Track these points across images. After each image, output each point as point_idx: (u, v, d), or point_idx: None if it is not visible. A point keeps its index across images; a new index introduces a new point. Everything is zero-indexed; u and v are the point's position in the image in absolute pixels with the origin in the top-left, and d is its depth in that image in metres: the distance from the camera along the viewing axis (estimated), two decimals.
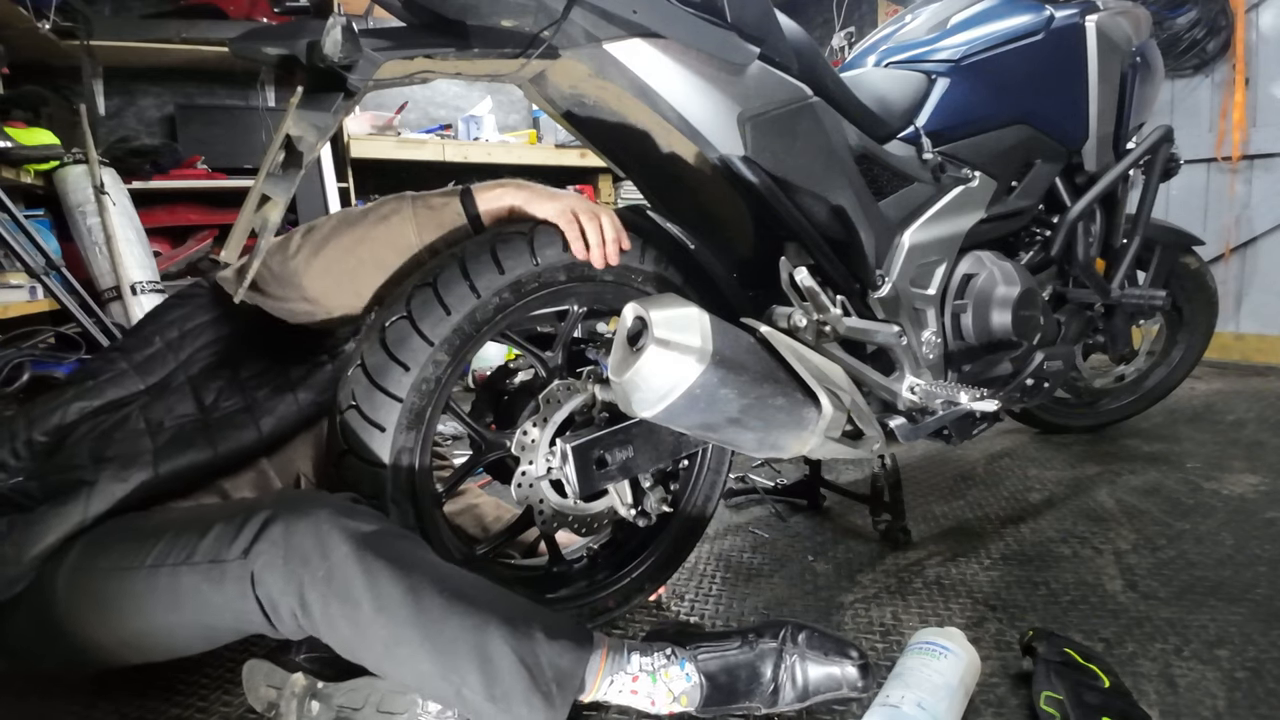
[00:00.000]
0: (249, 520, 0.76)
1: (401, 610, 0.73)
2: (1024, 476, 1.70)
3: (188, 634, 0.82)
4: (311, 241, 0.94)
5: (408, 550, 0.78)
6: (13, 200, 2.07)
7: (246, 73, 3.15)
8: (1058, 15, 1.33)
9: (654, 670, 0.82)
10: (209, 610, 0.77)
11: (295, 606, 0.73)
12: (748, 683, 0.85)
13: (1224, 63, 2.79)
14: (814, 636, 0.88)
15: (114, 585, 0.78)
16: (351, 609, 0.73)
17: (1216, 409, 2.20)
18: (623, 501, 1.01)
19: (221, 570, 0.75)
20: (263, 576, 0.73)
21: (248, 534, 0.75)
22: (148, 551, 0.78)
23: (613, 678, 0.81)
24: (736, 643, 0.87)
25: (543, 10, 0.79)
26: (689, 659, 0.85)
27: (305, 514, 0.76)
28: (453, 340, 0.87)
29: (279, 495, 0.84)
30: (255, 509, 0.77)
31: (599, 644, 0.82)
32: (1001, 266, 1.25)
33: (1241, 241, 2.84)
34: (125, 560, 0.79)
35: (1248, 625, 1.05)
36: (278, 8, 2.97)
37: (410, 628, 0.73)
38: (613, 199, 3.88)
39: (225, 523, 0.77)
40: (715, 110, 0.92)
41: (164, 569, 0.77)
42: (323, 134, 0.71)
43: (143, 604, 0.78)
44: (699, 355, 0.80)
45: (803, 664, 0.86)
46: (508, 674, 0.74)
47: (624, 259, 1.00)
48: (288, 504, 0.77)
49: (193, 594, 0.76)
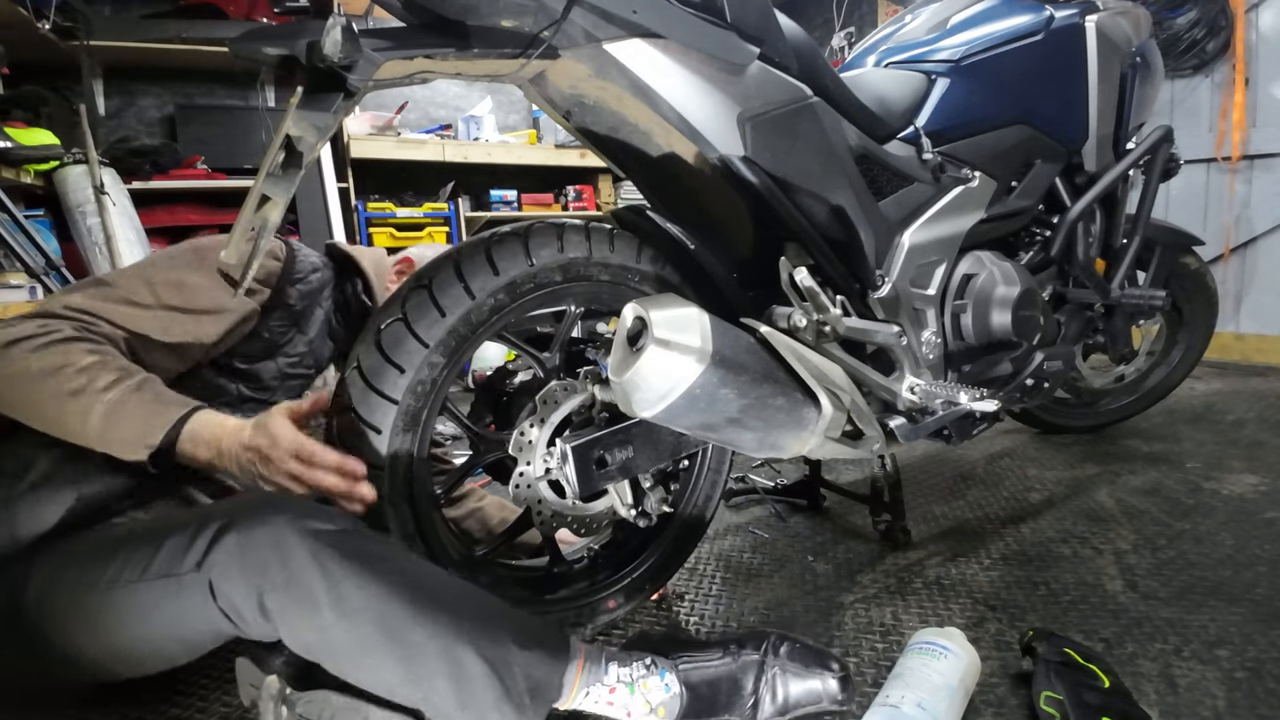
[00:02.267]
0: (202, 530, 0.74)
1: (365, 615, 0.71)
2: (1024, 476, 1.70)
3: (165, 645, 0.80)
4: None
5: (376, 552, 0.76)
6: (13, 200, 2.07)
7: (246, 73, 3.15)
8: (1058, 15, 1.33)
9: (632, 681, 0.81)
10: (177, 622, 0.76)
11: (256, 614, 0.72)
12: (728, 695, 0.84)
13: (1224, 63, 2.79)
14: (796, 649, 0.87)
15: (79, 604, 0.77)
16: (312, 614, 0.71)
17: (1216, 409, 2.20)
18: (623, 502, 1.01)
19: (178, 583, 0.73)
20: (220, 586, 0.72)
21: (200, 545, 0.73)
22: (104, 569, 0.77)
23: (589, 689, 0.79)
24: (719, 653, 0.87)
25: (543, 10, 0.78)
26: (670, 669, 0.84)
27: (262, 521, 0.73)
28: (448, 342, 0.87)
29: (236, 502, 0.81)
30: (209, 518, 0.75)
31: (575, 653, 0.80)
32: (1001, 266, 1.25)
33: (1241, 241, 2.84)
34: (86, 578, 0.77)
35: (1248, 625, 1.04)
36: (278, 8, 2.97)
37: (375, 632, 0.71)
38: (613, 199, 3.88)
39: (179, 534, 0.75)
40: (715, 110, 0.92)
41: (120, 586, 0.75)
42: (323, 134, 0.71)
43: (110, 621, 0.77)
44: (699, 355, 0.80)
45: (784, 677, 0.85)
46: (478, 682, 0.73)
47: (622, 259, 1.00)
48: (244, 511, 0.75)
49: (155, 609, 0.75)
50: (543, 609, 1.03)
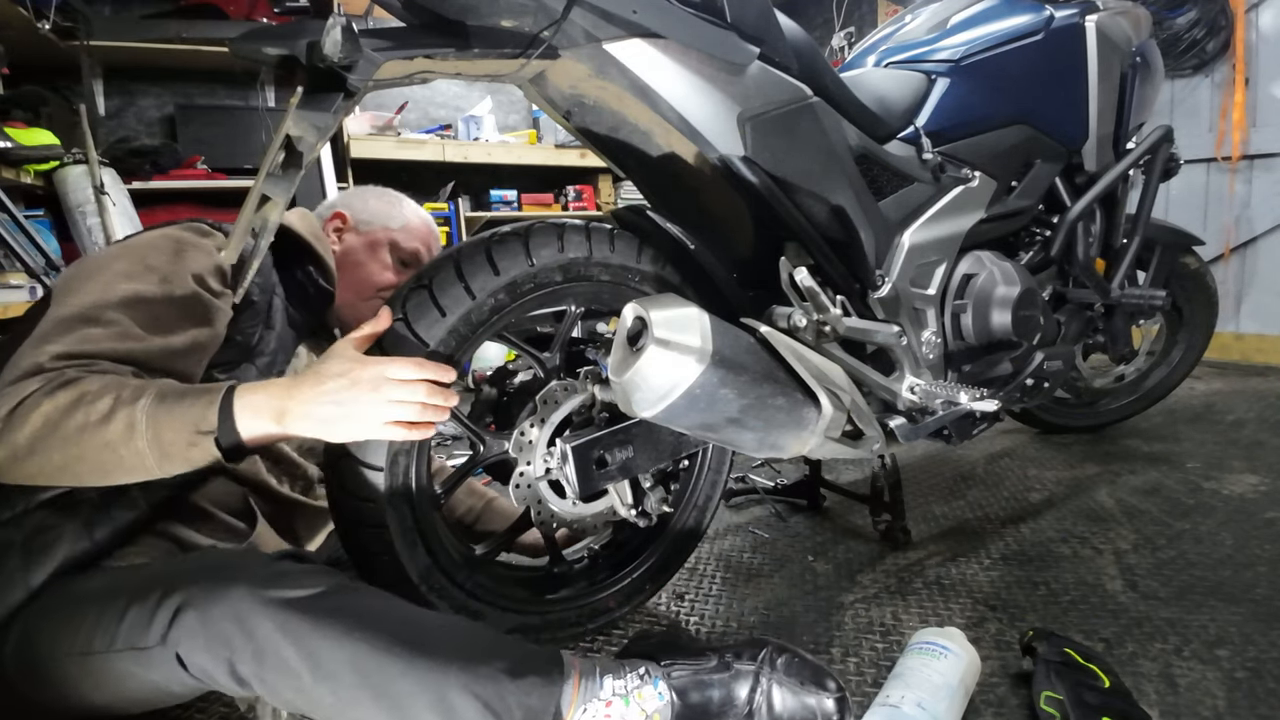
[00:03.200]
0: (160, 606, 0.71)
1: (347, 676, 0.70)
2: (1024, 476, 1.70)
3: (151, 698, 0.78)
4: (8, 445, 0.71)
5: (350, 606, 0.74)
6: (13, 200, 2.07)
7: (246, 73, 3.15)
8: (1058, 15, 1.33)
9: (627, 693, 0.80)
10: (155, 684, 0.74)
11: (231, 681, 0.71)
12: (720, 705, 0.83)
13: (1224, 63, 2.79)
14: (793, 663, 0.86)
15: (55, 667, 0.75)
16: (291, 680, 0.70)
17: (1216, 409, 2.20)
18: (623, 502, 1.01)
19: (147, 655, 0.71)
20: (189, 658, 0.70)
21: (161, 620, 0.70)
22: (74, 636, 0.74)
23: (586, 706, 0.78)
24: (713, 662, 0.86)
25: (543, 10, 0.78)
26: (663, 677, 0.83)
27: (218, 597, 0.70)
28: (448, 342, 0.87)
29: (191, 572, 0.75)
30: (167, 591, 0.71)
31: (570, 672, 0.79)
32: (1001, 266, 1.25)
33: (1241, 241, 2.84)
34: (59, 644, 0.74)
35: (1248, 625, 1.05)
36: (278, 8, 2.96)
37: (359, 690, 0.70)
38: (613, 199, 3.88)
39: (138, 607, 0.72)
40: (715, 110, 0.92)
41: (92, 655, 0.73)
42: (323, 134, 0.71)
43: (87, 685, 0.75)
44: (699, 355, 0.80)
45: (779, 691, 0.84)
46: None
47: (622, 259, 1.00)
48: (201, 584, 0.72)
49: (130, 676, 0.73)
50: (543, 609, 1.03)
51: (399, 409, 0.77)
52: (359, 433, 0.78)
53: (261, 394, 0.76)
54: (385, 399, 0.77)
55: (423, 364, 0.79)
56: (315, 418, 0.76)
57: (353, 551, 0.90)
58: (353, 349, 0.81)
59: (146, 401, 0.72)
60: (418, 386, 0.78)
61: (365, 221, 1.16)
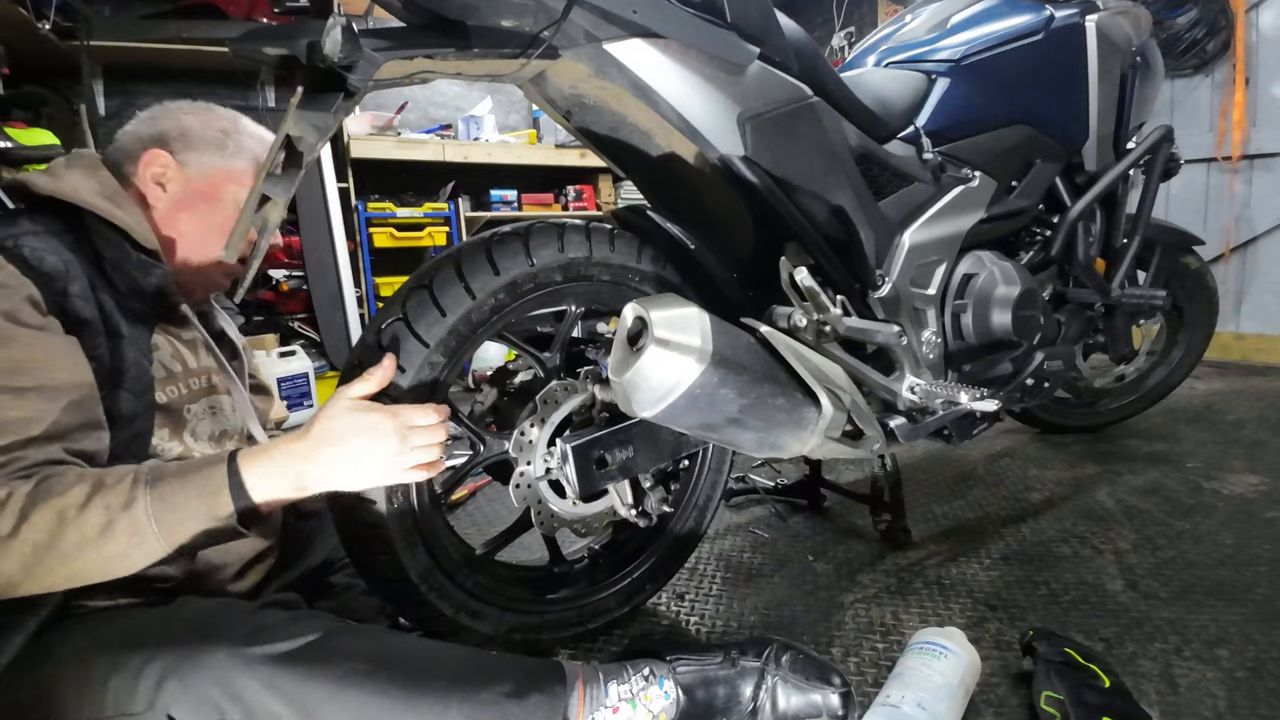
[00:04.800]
0: (141, 676, 0.67)
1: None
2: (1024, 476, 1.70)
3: None
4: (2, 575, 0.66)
5: (340, 651, 0.72)
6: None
7: (246, 73, 3.15)
8: (1058, 15, 1.33)
9: (633, 696, 0.80)
10: None
11: None
12: (725, 701, 0.83)
13: (1224, 63, 2.79)
14: (798, 659, 0.87)
15: None
16: None
17: (1216, 409, 2.20)
18: (623, 502, 1.01)
19: None
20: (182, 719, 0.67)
21: (145, 691, 0.67)
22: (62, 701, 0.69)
23: (593, 715, 0.78)
24: (718, 658, 0.86)
25: (543, 10, 0.78)
26: (668, 675, 0.83)
27: (198, 662, 0.67)
28: (449, 342, 0.87)
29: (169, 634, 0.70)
30: (148, 659, 0.68)
31: (573, 683, 0.78)
32: (1001, 266, 1.25)
33: (1241, 241, 2.84)
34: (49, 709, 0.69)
35: (1248, 625, 1.05)
36: (278, 8, 2.96)
37: None
38: (613, 199, 3.88)
39: (119, 675, 0.68)
40: (715, 110, 0.92)
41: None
42: (323, 134, 0.71)
43: None
44: (699, 355, 0.80)
45: (784, 687, 0.84)
46: None
47: (622, 259, 1.00)
48: (180, 649, 0.68)
49: None
50: (543, 609, 1.03)
51: (424, 453, 0.78)
52: (385, 481, 0.79)
53: (267, 461, 0.73)
54: (411, 447, 0.77)
55: (439, 409, 0.81)
56: (339, 476, 0.76)
57: (353, 551, 0.90)
58: (360, 401, 0.78)
59: (145, 503, 0.68)
60: (439, 429, 0.79)
61: (195, 161, 0.92)
